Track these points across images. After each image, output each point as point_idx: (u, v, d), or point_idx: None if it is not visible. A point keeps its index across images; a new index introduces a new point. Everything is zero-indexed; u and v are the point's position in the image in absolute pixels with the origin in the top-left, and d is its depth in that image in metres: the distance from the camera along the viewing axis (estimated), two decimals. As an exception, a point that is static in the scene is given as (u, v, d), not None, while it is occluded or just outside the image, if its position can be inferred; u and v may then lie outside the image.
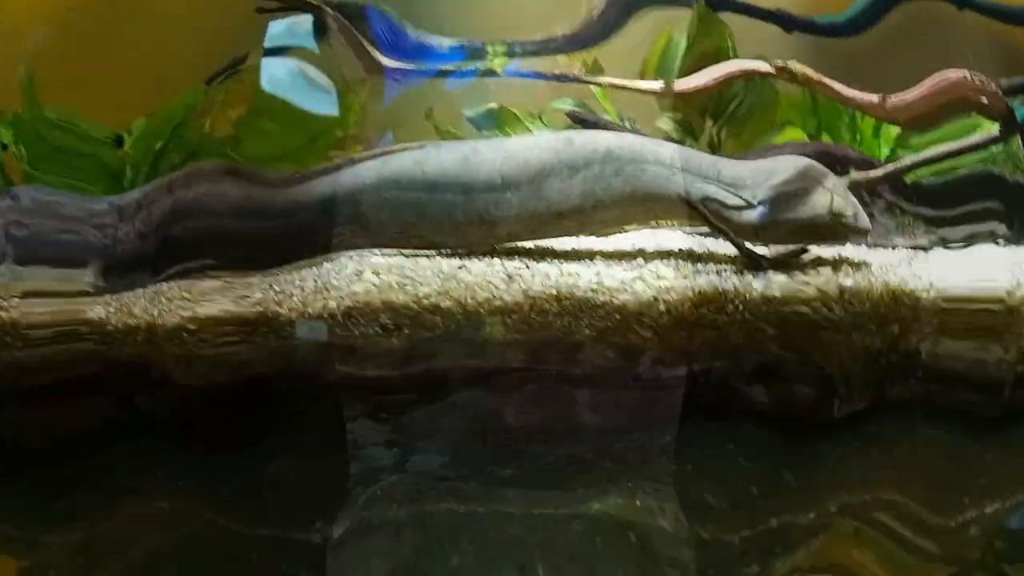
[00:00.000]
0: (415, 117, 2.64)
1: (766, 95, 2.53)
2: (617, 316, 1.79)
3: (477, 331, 1.77)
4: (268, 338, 1.72)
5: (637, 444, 1.76)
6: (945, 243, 2.32)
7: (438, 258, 1.94)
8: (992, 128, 2.09)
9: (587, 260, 1.94)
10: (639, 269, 1.91)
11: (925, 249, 2.23)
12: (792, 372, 1.79)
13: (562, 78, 2.48)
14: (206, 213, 1.96)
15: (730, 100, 2.59)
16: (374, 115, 2.46)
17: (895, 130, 2.73)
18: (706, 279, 1.83)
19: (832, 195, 1.89)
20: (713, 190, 1.90)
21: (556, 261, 1.93)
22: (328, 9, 2.34)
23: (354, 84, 2.43)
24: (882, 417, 1.84)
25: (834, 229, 1.88)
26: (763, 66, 2.22)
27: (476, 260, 1.93)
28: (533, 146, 1.93)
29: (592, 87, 2.77)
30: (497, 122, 2.61)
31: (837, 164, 2.14)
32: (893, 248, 2.12)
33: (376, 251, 1.96)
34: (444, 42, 2.61)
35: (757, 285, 1.83)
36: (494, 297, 1.80)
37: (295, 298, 1.80)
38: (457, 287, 1.82)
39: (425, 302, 1.78)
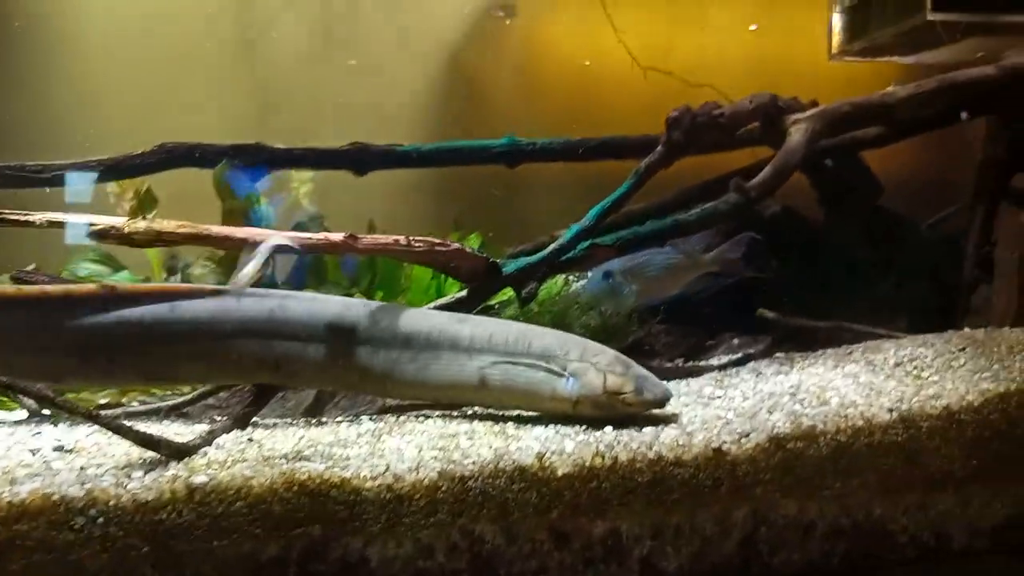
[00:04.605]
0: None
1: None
2: None
3: None
4: None
5: None
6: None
7: None
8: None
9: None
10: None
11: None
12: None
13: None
14: None
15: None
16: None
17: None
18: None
19: (604, 374, 1.74)
20: (520, 369, 1.79)
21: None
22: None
23: None
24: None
25: (617, 407, 1.74)
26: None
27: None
28: (344, 312, 1.87)
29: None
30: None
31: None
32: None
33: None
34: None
35: (133, 487, 1.39)
36: None
37: None
38: None
39: None
